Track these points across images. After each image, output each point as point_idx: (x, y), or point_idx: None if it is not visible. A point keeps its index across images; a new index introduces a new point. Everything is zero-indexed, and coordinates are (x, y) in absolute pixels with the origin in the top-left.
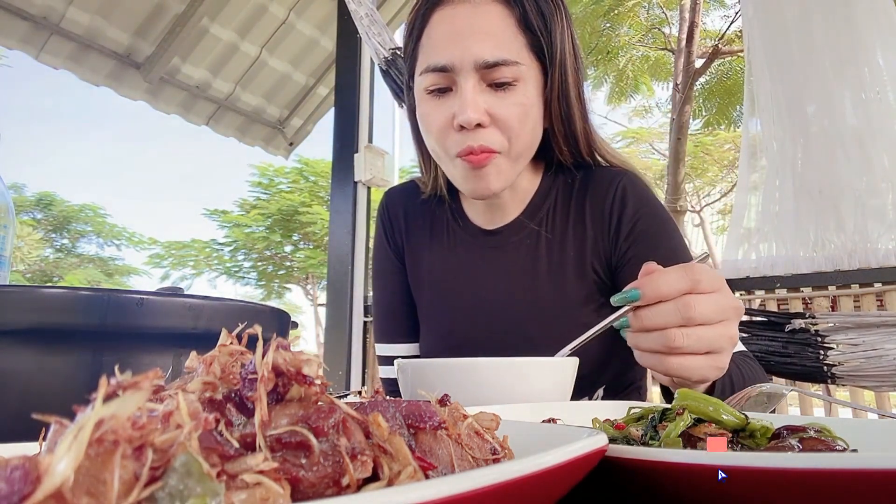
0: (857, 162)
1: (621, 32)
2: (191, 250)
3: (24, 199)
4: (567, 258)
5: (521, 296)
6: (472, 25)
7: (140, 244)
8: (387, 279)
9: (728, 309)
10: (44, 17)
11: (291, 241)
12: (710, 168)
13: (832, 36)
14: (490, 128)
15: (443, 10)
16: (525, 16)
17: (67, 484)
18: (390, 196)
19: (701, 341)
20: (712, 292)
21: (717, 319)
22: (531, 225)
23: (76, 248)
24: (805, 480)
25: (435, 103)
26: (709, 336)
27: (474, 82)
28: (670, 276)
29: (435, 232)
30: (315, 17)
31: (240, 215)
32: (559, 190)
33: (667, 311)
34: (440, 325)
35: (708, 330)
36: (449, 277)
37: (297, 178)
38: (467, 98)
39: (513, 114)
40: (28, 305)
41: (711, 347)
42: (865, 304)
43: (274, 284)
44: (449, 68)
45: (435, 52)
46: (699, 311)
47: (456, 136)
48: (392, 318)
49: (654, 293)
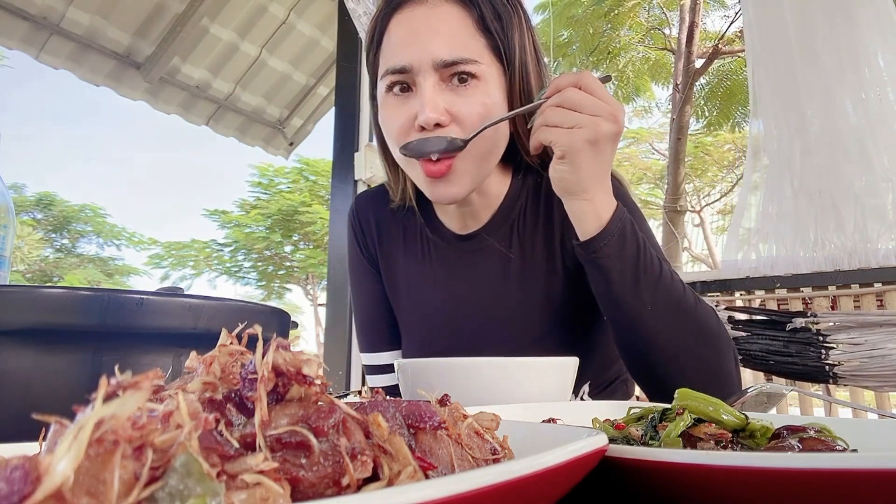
0: (857, 162)
1: (622, 33)
2: (191, 250)
3: (24, 199)
4: (537, 259)
5: (492, 299)
6: (429, 26)
7: (140, 244)
8: (364, 288)
9: (602, 109)
10: (44, 17)
11: (291, 241)
12: (710, 168)
13: (833, 36)
14: (450, 126)
15: (400, 14)
16: (482, 18)
17: (67, 484)
18: (360, 203)
19: (567, 121)
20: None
21: (590, 111)
22: (505, 226)
23: (76, 248)
24: (805, 480)
25: (395, 104)
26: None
27: (434, 81)
28: (570, 73)
29: (408, 239)
30: (315, 17)
31: (240, 215)
32: (529, 191)
33: (554, 97)
34: (419, 331)
35: (578, 115)
36: (424, 284)
37: (297, 178)
38: (427, 97)
39: (474, 111)
40: (28, 305)
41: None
42: (865, 303)
43: (274, 284)
44: (408, 69)
45: (393, 54)
46: (576, 99)
47: (417, 136)
48: (374, 327)
49: (553, 85)
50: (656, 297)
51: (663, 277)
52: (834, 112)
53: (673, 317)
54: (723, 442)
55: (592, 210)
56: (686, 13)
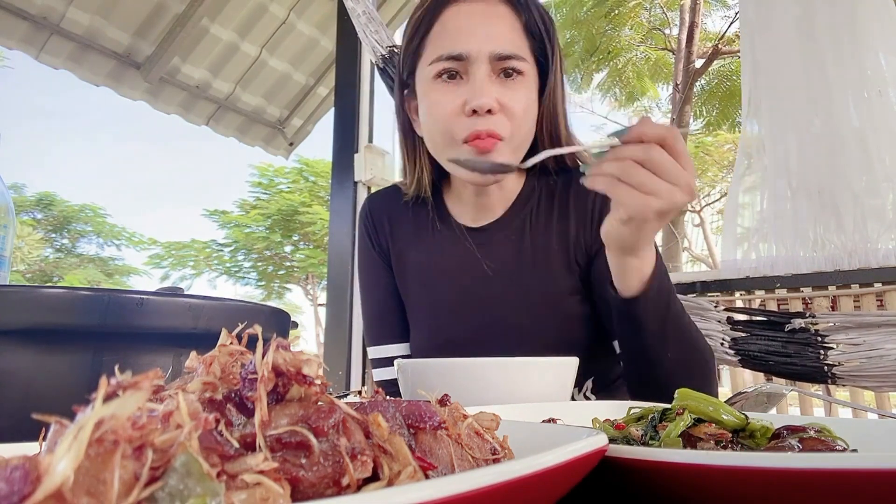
0: (858, 162)
1: (623, 33)
2: (191, 250)
3: (24, 199)
4: (552, 251)
5: (507, 290)
6: (487, 20)
7: (140, 244)
8: (375, 282)
9: (682, 178)
10: (44, 17)
11: (291, 241)
12: (710, 168)
13: (834, 36)
14: (498, 115)
15: (457, 7)
16: (529, 22)
17: (67, 484)
18: (372, 201)
19: (645, 185)
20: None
21: (670, 179)
22: (517, 221)
23: (76, 248)
24: (805, 480)
25: (445, 90)
26: (656, 186)
27: (487, 71)
28: (657, 124)
29: (420, 232)
30: (315, 17)
31: (240, 215)
32: (542, 190)
33: (636, 149)
34: (428, 322)
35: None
36: (435, 275)
37: (297, 178)
38: (482, 85)
39: (520, 104)
40: (28, 305)
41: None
42: (865, 304)
43: (274, 284)
44: (465, 56)
45: (451, 41)
46: (659, 160)
47: (466, 121)
48: (383, 320)
49: (636, 133)
50: (678, 344)
51: (683, 324)
52: (835, 111)
53: (684, 352)
54: (723, 442)
55: (638, 267)
56: (686, 13)
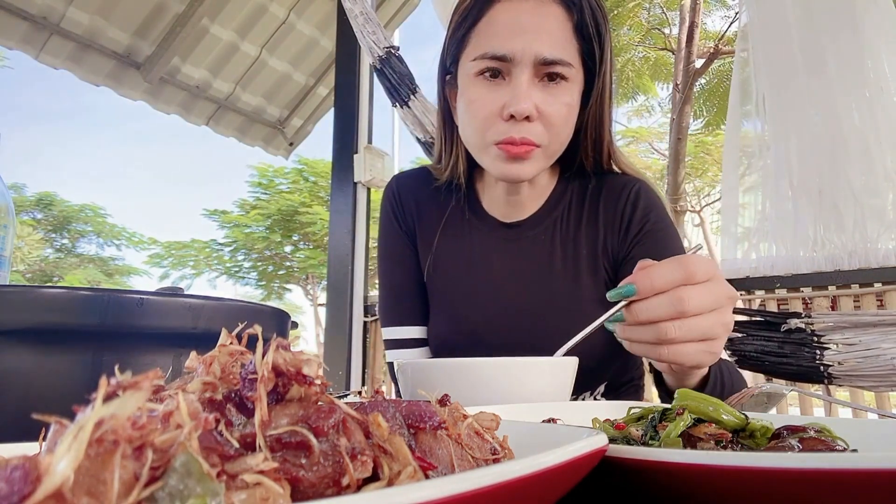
0: (858, 162)
1: (622, 33)
2: (191, 250)
3: (24, 199)
4: (581, 256)
5: (536, 288)
6: (536, 22)
7: (140, 244)
8: (397, 260)
9: (722, 297)
10: (44, 17)
11: (291, 241)
12: (710, 168)
13: (835, 36)
14: (536, 122)
15: (507, 3)
16: (581, 23)
17: (67, 484)
18: (400, 180)
19: (693, 331)
20: (706, 281)
21: (710, 308)
22: (548, 221)
23: (76, 248)
24: (805, 480)
25: (486, 89)
26: (702, 325)
27: (530, 75)
28: (664, 269)
29: (448, 219)
30: (315, 17)
31: (240, 215)
32: (574, 191)
33: (660, 305)
34: (453, 311)
35: (701, 319)
36: (464, 265)
37: (297, 178)
38: (523, 90)
39: (560, 112)
40: (28, 305)
41: (705, 335)
42: (865, 303)
43: (274, 284)
44: (509, 58)
45: (497, 40)
46: (692, 304)
47: (502, 125)
48: (402, 300)
49: (648, 287)
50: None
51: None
52: (836, 111)
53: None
54: (723, 442)
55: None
56: (686, 13)
